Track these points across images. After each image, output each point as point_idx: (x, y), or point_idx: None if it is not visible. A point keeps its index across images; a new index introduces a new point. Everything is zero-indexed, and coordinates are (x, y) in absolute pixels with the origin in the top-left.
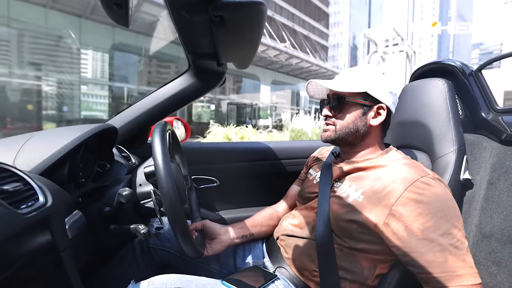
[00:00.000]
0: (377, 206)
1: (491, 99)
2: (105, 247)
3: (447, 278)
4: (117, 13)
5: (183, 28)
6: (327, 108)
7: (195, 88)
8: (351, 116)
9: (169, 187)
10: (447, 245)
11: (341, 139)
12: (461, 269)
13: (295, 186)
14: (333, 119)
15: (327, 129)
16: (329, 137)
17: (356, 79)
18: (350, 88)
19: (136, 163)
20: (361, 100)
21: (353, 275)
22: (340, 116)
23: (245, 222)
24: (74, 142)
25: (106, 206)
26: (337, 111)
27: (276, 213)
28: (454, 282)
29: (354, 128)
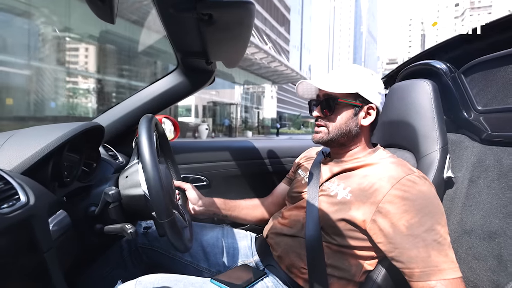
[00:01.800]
0: (364, 203)
1: (473, 100)
2: (91, 247)
3: (430, 273)
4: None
5: (171, 26)
6: (318, 109)
7: (183, 87)
8: (343, 117)
9: (155, 178)
10: (430, 240)
11: (334, 140)
12: (443, 263)
13: (283, 184)
14: (325, 121)
15: (319, 131)
16: (322, 139)
17: (347, 80)
18: (342, 89)
19: (124, 162)
20: (353, 101)
21: (341, 272)
22: (332, 117)
23: (229, 201)
24: (58, 141)
25: (92, 205)
26: (329, 112)
27: (260, 206)
28: (436, 276)
29: (346, 129)
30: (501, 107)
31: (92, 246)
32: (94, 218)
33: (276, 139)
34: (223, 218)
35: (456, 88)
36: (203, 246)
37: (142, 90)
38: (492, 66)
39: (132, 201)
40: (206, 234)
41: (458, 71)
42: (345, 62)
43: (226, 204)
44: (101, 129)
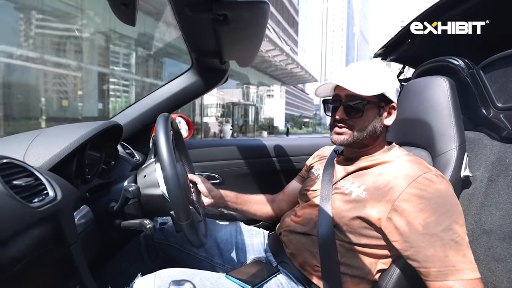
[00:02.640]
0: (379, 201)
1: (492, 97)
2: (111, 242)
3: (447, 272)
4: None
5: (187, 26)
6: (341, 110)
7: (198, 86)
8: (369, 118)
9: (173, 173)
10: (448, 240)
11: (358, 141)
12: (461, 263)
13: (295, 182)
14: (349, 122)
15: (343, 132)
16: (346, 141)
17: (374, 80)
18: (370, 90)
19: (140, 160)
20: (379, 102)
21: (354, 270)
22: (358, 119)
23: (240, 195)
24: (81, 139)
25: (112, 201)
26: (356, 115)
27: (271, 202)
28: (453, 276)
29: (372, 130)
30: None
31: (112, 241)
32: (114, 213)
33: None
34: (233, 211)
35: (475, 84)
36: (217, 242)
37: (158, 89)
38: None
39: (151, 199)
40: (220, 230)
41: (476, 67)
42: (338, 62)
43: (238, 198)
44: (119, 128)
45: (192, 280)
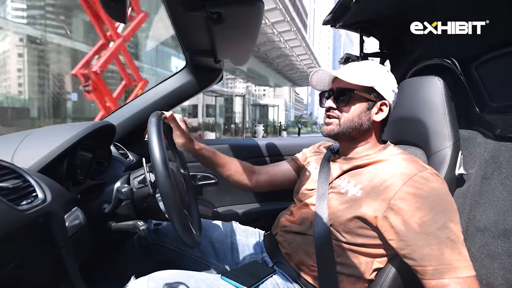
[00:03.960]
0: (375, 200)
1: (486, 96)
2: (104, 244)
3: (443, 271)
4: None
5: (180, 25)
6: (331, 99)
7: (192, 85)
8: (356, 110)
9: (165, 175)
10: (444, 238)
11: (345, 133)
12: (456, 261)
13: (286, 165)
14: (337, 112)
15: (330, 122)
16: (332, 131)
17: (364, 73)
18: (359, 81)
19: (134, 160)
20: (368, 95)
21: (350, 269)
22: (345, 109)
23: (220, 153)
24: (72, 140)
25: (105, 203)
26: (342, 104)
27: (251, 172)
28: (449, 274)
29: (359, 122)
30: None
31: (105, 243)
32: (107, 215)
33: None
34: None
35: (469, 83)
36: (212, 243)
37: (152, 89)
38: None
39: (144, 201)
40: (215, 230)
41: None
42: (325, 63)
43: (216, 155)
44: (112, 128)
45: (186, 282)
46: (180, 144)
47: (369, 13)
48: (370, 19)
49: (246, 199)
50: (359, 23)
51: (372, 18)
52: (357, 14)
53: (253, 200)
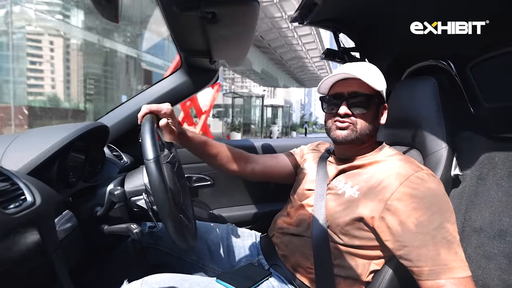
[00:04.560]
0: (372, 201)
1: (481, 96)
2: (97, 248)
3: (439, 271)
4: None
5: (175, 25)
6: (345, 105)
7: (187, 86)
8: (373, 115)
9: (159, 178)
10: (440, 238)
11: (359, 138)
12: (452, 262)
13: (284, 158)
14: (353, 118)
15: (345, 127)
16: (349, 136)
17: (377, 77)
18: (376, 85)
19: (128, 162)
20: (377, 99)
21: (347, 271)
22: (362, 115)
23: (210, 143)
24: (63, 141)
25: (97, 205)
26: (361, 110)
27: (244, 161)
28: (446, 274)
29: (373, 128)
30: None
31: (98, 246)
32: (99, 218)
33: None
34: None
35: (464, 84)
36: (208, 245)
37: (146, 90)
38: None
39: (138, 203)
40: (211, 233)
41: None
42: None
43: (208, 144)
44: (105, 129)
45: (181, 285)
46: (170, 139)
47: (336, 10)
48: (337, 16)
49: (242, 201)
50: (326, 20)
51: (339, 15)
52: (324, 11)
53: (249, 201)
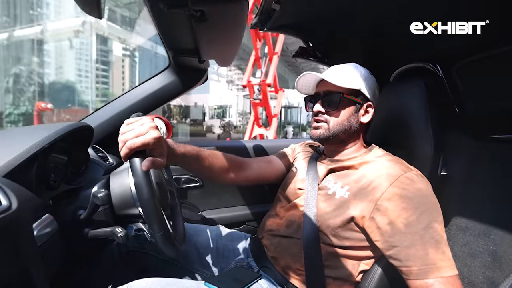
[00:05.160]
0: (363, 201)
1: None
2: (79, 252)
3: (428, 271)
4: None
5: (163, 23)
6: (319, 103)
7: (175, 86)
8: (345, 113)
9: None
10: (428, 238)
11: (334, 136)
12: (440, 261)
13: (277, 160)
14: (326, 116)
15: (319, 126)
16: (322, 135)
17: (350, 76)
18: (346, 84)
19: (114, 163)
20: (355, 98)
21: (337, 272)
22: (334, 113)
23: (202, 155)
24: (43, 142)
25: (80, 208)
26: (331, 108)
27: (240, 167)
28: (434, 274)
29: (348, 125)
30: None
31: (81, 251)
32: (83, 221)
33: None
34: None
35: (450, 86)
36: (197, 248)
37: (133, 89)
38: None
39: (123, 206)
40: (200, 235)
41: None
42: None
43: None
44: (89, 130)
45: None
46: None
47: (295, 16)
48: (296, 22)
49: (232, 202)
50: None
51: (298, 21)
52: (282, 17)
53: (239, 203)
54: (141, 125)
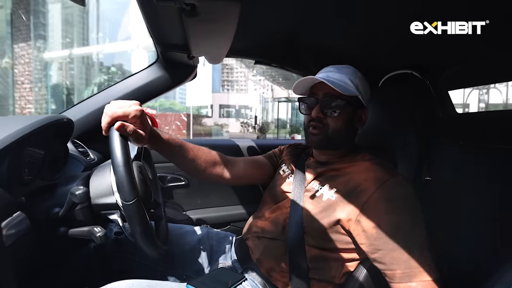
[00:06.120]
0: (349, 204)
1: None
2: (54, 253)
3: (411, 274)
4: None
5: (151, 16)
6: (317, 108)
7: (163, 81)
8: (345, 120)
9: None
10: (412, 242)
11: (332, 142)
12: (423, 265)
13: (265, 160)
14: (325, 121)
15: (317, 133)
16: (322, 142)
17: (351, 82)
18: (347, 90)
19: (95, 159)
20: (352, 104)
21: (321, 274)
22: (334, 119)
23: (186, 147)
24: (17, 135)
25: (56, 206)
26: (331, 114)
27: (227, 164)
28: (417, 277)
29: (346, 132)
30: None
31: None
32: (59, 220)
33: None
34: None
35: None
36: (180, 249)
37: (117, 83)
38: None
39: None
40: (184, 236)
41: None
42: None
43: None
44: (69, 123)
45: None
46: (139, 145)
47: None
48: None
49: (218, 202)
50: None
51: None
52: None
53: (225, 203)
54: (126, 102)
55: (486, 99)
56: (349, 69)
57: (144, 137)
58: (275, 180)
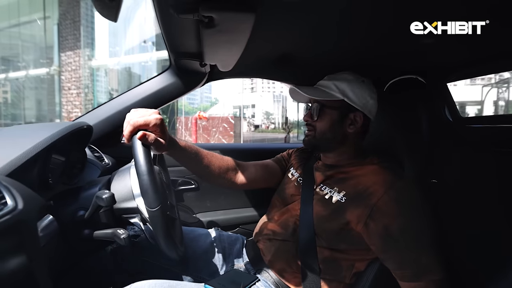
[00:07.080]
0: (359, 206)
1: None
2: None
3: (419, 273)
4: (108, 7)
5: (169, 27)
6: (308, 113)
7: (175, 87)
8: (328, 122)
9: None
10: (421, 243)
11: (320, 145)
12: (432, 264)
13: (275, 165)
14: (312, 124)
15: (308, 134)
16: (309, 142)
17: (335, 87)
18: (327, 96)
19: (110, 164)
20: (338, 108)
21: (332, 274)
22: (319, 122)
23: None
24: (47, 141)
25: (80, 209)
26: (316, 117)
27: (237, 170)
28: (426, 277)
29: (332, 134)
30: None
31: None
32: (83, 222)
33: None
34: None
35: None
36: (192, 251)
37: (132, 89)
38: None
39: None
40: (197, 239)
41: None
42: None
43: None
44: (89, 130)
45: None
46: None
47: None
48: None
49: (227, 205)
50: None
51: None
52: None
53: (234, 205)
54: (146, 111)
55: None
56: (340, 75)
57: (164, 145)
58: (284, 183)
